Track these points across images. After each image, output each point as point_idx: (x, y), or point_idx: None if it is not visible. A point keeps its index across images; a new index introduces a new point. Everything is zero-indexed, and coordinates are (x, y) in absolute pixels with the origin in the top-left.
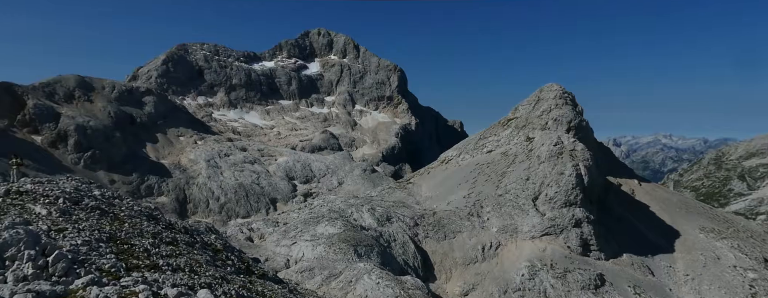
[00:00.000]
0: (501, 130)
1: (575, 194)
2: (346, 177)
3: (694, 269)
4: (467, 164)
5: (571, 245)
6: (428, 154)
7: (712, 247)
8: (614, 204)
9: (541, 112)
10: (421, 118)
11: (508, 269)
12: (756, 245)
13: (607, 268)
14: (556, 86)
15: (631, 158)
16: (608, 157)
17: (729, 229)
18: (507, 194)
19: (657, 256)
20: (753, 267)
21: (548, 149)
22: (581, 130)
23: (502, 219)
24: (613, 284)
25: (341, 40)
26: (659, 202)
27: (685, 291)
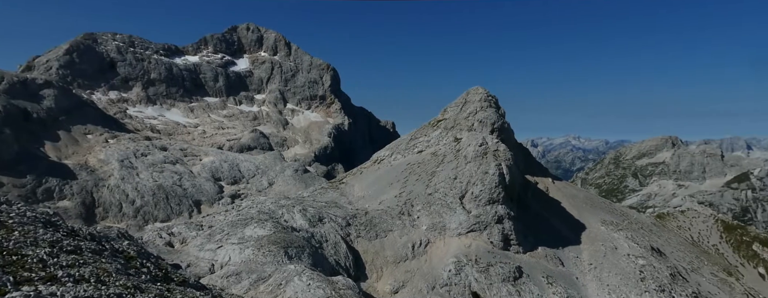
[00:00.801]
0: (431, 131)
1: (498, 192)
2: (276, 177)
3: (596, 259)
4: (399, 164)
5: (494, 241)
6: (361, 154)
7: (611, 238)
8: (531, 201)
9: (467, 114)
10: (354, 118)
11: (436, 265)
12: (645, 234)
13: (524, 261)
14: (481, 90)
15: (546, 157)
16: (527, 157)
17: (625, 221)
18: (436, 193)
19: (566, 248)
20: (642, 255)
21: (474, 150)
22: (504, 131)
23: (431, 217)
24: (529, 276)
25: (272, 37)
26: (569, 198)
27: (589, 279)
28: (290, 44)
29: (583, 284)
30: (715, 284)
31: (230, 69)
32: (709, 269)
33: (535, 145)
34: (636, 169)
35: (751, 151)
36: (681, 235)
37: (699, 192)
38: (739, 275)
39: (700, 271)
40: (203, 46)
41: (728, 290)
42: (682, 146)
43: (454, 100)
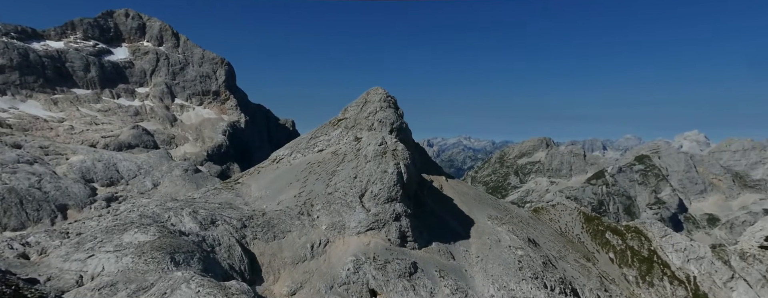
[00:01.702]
0: (332, 130)
1: (396, 191)
2: (162, 178)
3: (483, 251)
4: (299, 163)
5: (391, 238)
6: (259, 153)
7: (496, 232)
8: (427, 199)
9: (368, 114)
10: (252, 115)
11: (335, 264)
12: (524, 227)
13: (419, 256)
14: (380, 90)
15: (441, 157)
16: (423, 156)
17: (507, 216)
18: (336, 192)
19: (457, 242)
20: (521, 246)
21: (374, 149)
22: (402, 131)
23: (331, 217)
24: (423, 271)
25: (156, 26)
26: (460, 195)
27: (476, 270)
28: (178, 35)
29: (471, 276)
30: (577, 269)
31: (105, 58)
32: (573, 256)
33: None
34: (517, 167)
35: (606, 151)
36: (552, 226)
37: (567, 188)
38: (595, 260)
39: (566, 258)
40: (70, 31)
41: (587, 274)
42: (554, 147)
43: (355, 100)
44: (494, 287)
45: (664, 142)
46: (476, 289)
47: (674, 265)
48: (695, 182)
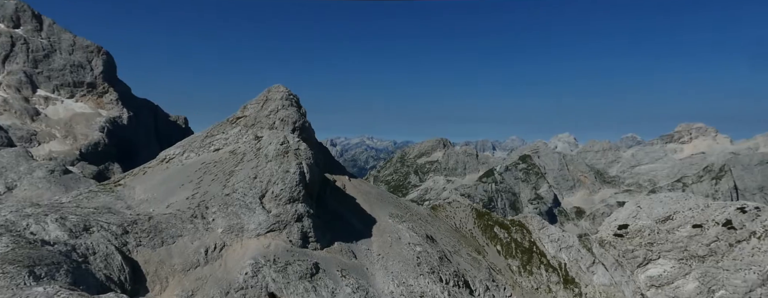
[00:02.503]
0: (230, 128)
1: (299, 191)
2: (20, 180)
3: (384, 249)
4: (193, 163)
5: (293, 239)
6: (145, 152)
7: (396, 229)
8: (330, 198)
9: (269, 112)
10: (136, 110)
11: (232, 269)
12: (422, 224)
13: (321, 256)
14: (282, 88)
15: (344, 156)
16: (326, 156)
17: (407, 214)
18: (235, 193)
19: (359, 241)
20: (420, 243)
21: (275, 148)
22: (305, 130)
23: (228, 219)
24: (325, 271)
25: (11, 5)
26: (363, 195)
27: (377, 268)
28: (41, 17)
29: (372, 274)
30: (469, 262)
31: None
32: (465, 250)
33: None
34: (417, 166)
35: (495, 151)
36: (448, 223)
37: (461, 186)
38: (485, 252)
39: (459, 252)
40: None
41: (477, 266)
42: (451, 147)
43: (255, 98)
44: (394, 283)
45: (542, 143)
46: (377, 286)
47: (549, 254)
48: (566, 179)
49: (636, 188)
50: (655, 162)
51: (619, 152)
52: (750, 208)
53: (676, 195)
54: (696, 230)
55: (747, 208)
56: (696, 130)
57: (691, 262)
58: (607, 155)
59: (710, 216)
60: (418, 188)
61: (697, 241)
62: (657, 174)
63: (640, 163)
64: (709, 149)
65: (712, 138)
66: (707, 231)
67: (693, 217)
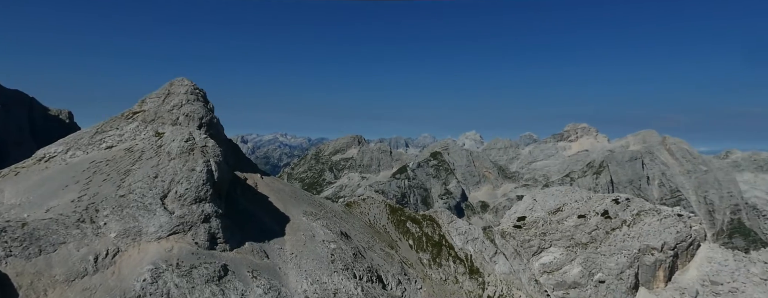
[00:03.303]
0: (125, 124)
1: (206, 190)
2: None
3: (297, 248)
4: (79, 162)
5: (199, 241)
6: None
7: (311, 227)
8: (240, 197)
9: (171, 107)
10: (5, 103)
11: (127, 276)
12: (337, 221)
13: (230, 258)
14: (187, 81)
15: (256, 154)
16: (236, 153)
17: (322, 211)
18: (131, 194)
19: (272, 240)
20: (334, 240)
21: (180, 145)
22: (212, 126)
23: (124, 222)
24: (235, 273)
25: None
26: (276, 192)
27: (290, 267)
28: None
29: (285, 273)
30: (382, 257)
31: None
32: (379, 245)
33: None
34: (332, 163)
35: (408, 148)
36: (362, 219)
37: (376, 182)
38: (398, 247)
39: (373, 248)
40: None
41: (390, 261)
42: (365, 144)
43: (155, 91)
44: (307, 281)
45: (451, 141)
46: (290, 286)
47: (457, 246)
48: (473, 175)
49: (533, 183)
50: (549, 159)
51: (518, 150)
52: (622, 199)
53: (565, 189)
54: (580, 220)
55: (620, 199)
56: (581, 130)
57: (576, 249)
58: (508, 152)
59: (592, 207)
60: (333, 185)
61: (581, 230)
62: (550, 170)
63: (536, 159)
64: (592, 146)
65: (594, 137)
66: (589, 221)
67: (578, 208)
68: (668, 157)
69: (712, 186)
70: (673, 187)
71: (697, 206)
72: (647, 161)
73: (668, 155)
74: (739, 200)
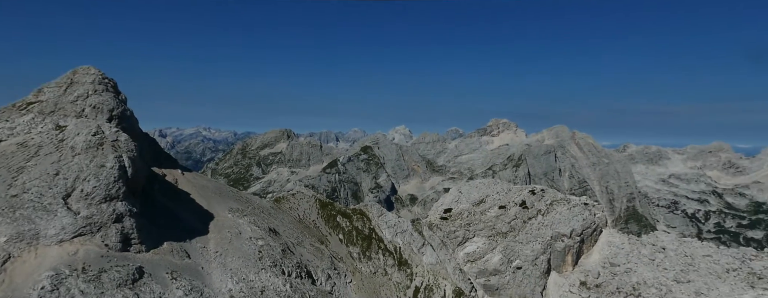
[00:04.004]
0: (17, 116)
1: (117, 188)
2: None
3: (222, 246)
4: None
5: (110, 243)
6: None
7: (237, 224)
8: (158, 195)
9: (75, 98)
10: None
11: (21, 285)
12: (265, 217)
13: (147, 259)
14: (93, 70)
15: (176, 148)
16: (154, 147)
17: (249, 207)
18: (26, 194)
19: (194, 239)
20: (262, 236)
21: (86, 140)
22: (125, 119)
23: (16, 225)
24: (151, 275)
25: None
26: (199, 189)
27: (214, 266)
28: None
29: (208, 273)
30: (312, 252)
31: None
32: (309, 240)
33: (164, 136)
34: (260, 158)
35: (338, 142)
36: (291, 214)
37: (306, 177)
38: (328, 242)
39: (303, 243)
40: None
41: (320, 256)
42: (295, 138)
43: (55, 80)
44: (233, 280)
45: (381, 135)
46: (213, 286)
47: (386, 239)
48: (403, 169)
49: (458, 176)
50: (473, 152)
51: (445, 144)
52: (538, 190)
53: (487, 181)
54: (501, 210)
55: (536, 190)
56: (502, 125)
57: (497, 238)
58: (436, 146)
59: (511, 198)
60: (262, 180)
61: (502, 220)
62: (474, 163)
63: (462, 153)
64: (512, 141)
65: (513, 132)
66: (509, 211)
67: (499, 199)
68: (577, 150)
69: (612, 177)
70: (580, 178)
71: (600, 195)
72: (559, 155)
73: (577, 149)
74: (634, 189)
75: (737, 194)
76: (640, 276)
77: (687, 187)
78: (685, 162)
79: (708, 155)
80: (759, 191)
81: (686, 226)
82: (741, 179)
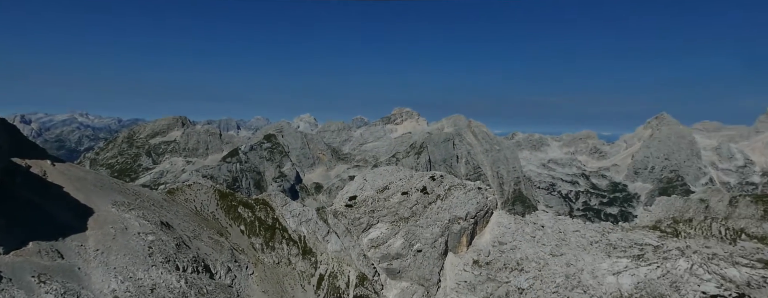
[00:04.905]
0: None
1: None
2: None
3: (104, 243)
4: None
5: None
6: None
7: (122, 219)
8: (21, 189)
9: None
10: None
11: None
12: (156, 211)
13: (6, 262)
14: None
15: (44, 136)
16: (14, 136)
17: (137, 200)
18: None
19: (69, 237)
20: (152, 231)
21: None
22: None
23: None
24: (12, 280)
25: None
26: (75, 181)
27: (94, 266)
28: None
29: (86, 273)
30: (210, 245)
31: None
32: (207, 233)
33: (28, 122)
34: (150, 147)
35: (240, 130)
36: (188, 207)
37: (204, 167)
38: (228, 234)
39: (200, 236)
40: None
41: (219, 249)
42: (191, 126)
43: None
44: (117, 280)
45: (286, 123)
46: (93, 287)
47: (291, 228)
48: (308, 157)
49: (364, 164)
50: (378, 140)
51: (351, 132)
52: (437, 176)
53: (391, 168)
54: (404, 196)
55: (436, 176)
56: (405, 114)
57: (399, 223)
58: (341, 135)
59: (413, 185)
60: (152, 171)
61: (404, 205)
62: (379, 151)
63: (367, 141)
64: (414, 129)
65: (416, 120)
66: (411, 197)
67: (402, 186)
68: (472, 138)
69: (502, 163)
70: (475, 164)
71: (492, 180)
72: (457, 142)
73: (472, 137)
74: (520, 173)
75: (600, 175)
76: (523, 252)
77: (562, 170)
78: (561, 148)
79: (578, 141)
80: (616, 173)
81: (561, 205)
82: (603, 163)
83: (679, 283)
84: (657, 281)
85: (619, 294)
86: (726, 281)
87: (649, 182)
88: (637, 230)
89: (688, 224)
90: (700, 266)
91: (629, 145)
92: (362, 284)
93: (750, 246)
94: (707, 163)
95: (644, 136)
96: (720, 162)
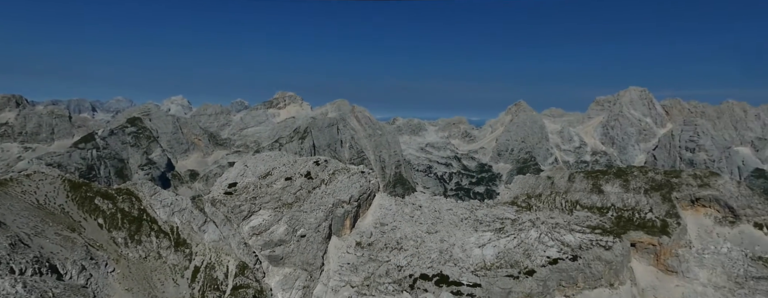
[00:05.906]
0: None
1: None
2: None
3: None
4: None
5: None
6: None
7: None
8: None
9: None
10: None
11: None
12: None
13: None
14: None
15: None
16: None
17: None
18: None
19: None
20: None
21: None
22: None
23: None
24: None
25: None
26: None
27: None
28: None
29: None
30: (58, 242)
31: None
32: (53, 229)
33: None
34: None
35: (96, 113)
36: (26, 200)
37: (47, 154)
38: (82, 229)
39: (44, 233)
40: None
41: (70, 246)
42: (29, 106)
43: None
44: None
45: (154, 105)
46: None
47: (161, 219)
48: (181, 143)
49: (244, 149)
50: (260, 125)
51: (230, 116)
52: (322, 161)
53: (274, 154)
54: (287, 182)
55: (320, 161)
56: (288, 98)
57: (282, 209)
58: (219, 119)
59: (297, 170)
60: None
61: (288, 191)
62: (261, 136)
63: (248, 126)
64: (298, 114)
65: (299, 105)
66: (295, 182)
67: (286, 171)
68: (356, 123)
69: (384, 147)
70: (359, 148)
71: (374, 164)
72: (341, 127)
73: (356, 122)
74: (400, 157)
75: (470, 157)
76: (403, 232)
77: (438, 153)
78: (437, 133)
79: (452, 126)
80: (483, 155)
81: (437, 186)
82: (472, 146)
83: (530, 250)
84: (513, 250)
85: (483, 264)
86: (564, 245)
87: (509, 162)
88: (499, 206)
89: (538, 199)
90: (545, 234)
91: (493, 129)
92: (242, 274)
93: (582, 215)
94: (553, 144)
95: (505, 121)
96: (562, 144)
